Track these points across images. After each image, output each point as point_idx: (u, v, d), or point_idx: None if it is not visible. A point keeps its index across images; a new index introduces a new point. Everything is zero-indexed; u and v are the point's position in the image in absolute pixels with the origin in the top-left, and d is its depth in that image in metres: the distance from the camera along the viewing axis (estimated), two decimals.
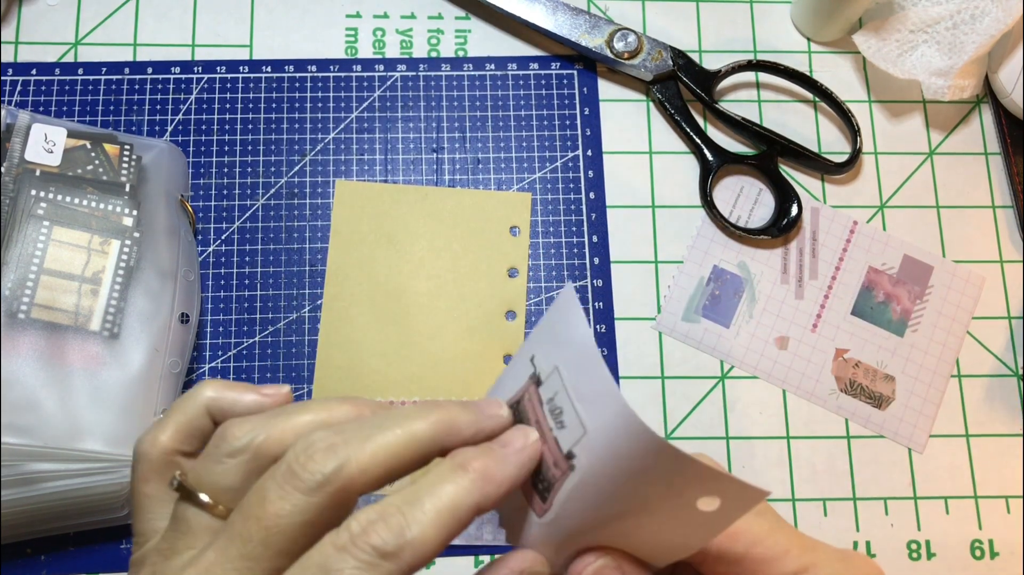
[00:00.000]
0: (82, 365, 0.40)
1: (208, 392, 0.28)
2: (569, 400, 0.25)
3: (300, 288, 0.45)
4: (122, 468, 0.39)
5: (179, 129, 0.47)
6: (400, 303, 0.45)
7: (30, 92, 0.47)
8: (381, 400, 0.44)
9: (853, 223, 0.48)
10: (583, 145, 0.48)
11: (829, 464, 0.45)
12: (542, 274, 0.46)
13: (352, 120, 0.48)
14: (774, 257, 0.47)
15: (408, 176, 0.47)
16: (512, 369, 0.29)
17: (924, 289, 0.47)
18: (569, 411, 0.25)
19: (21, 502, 0.37)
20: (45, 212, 0.41)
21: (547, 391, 0.26)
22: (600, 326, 0.46)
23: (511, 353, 0.45)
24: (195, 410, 0.28)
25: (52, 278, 0.41)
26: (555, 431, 0.26)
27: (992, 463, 0.45)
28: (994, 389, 0.46)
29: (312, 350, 0.45)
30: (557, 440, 0.25)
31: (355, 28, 0.49)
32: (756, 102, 0.49)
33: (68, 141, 0.43)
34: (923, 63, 0.47)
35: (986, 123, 0.50)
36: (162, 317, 0.41)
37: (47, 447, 0.38)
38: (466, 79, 0.49)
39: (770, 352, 0.46)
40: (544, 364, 0.27)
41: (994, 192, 0.49)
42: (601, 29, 0.48)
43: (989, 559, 0.44)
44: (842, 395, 0.45)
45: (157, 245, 0.42)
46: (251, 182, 0.47)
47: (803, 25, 0.50)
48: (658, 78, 0.48)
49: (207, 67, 0.48)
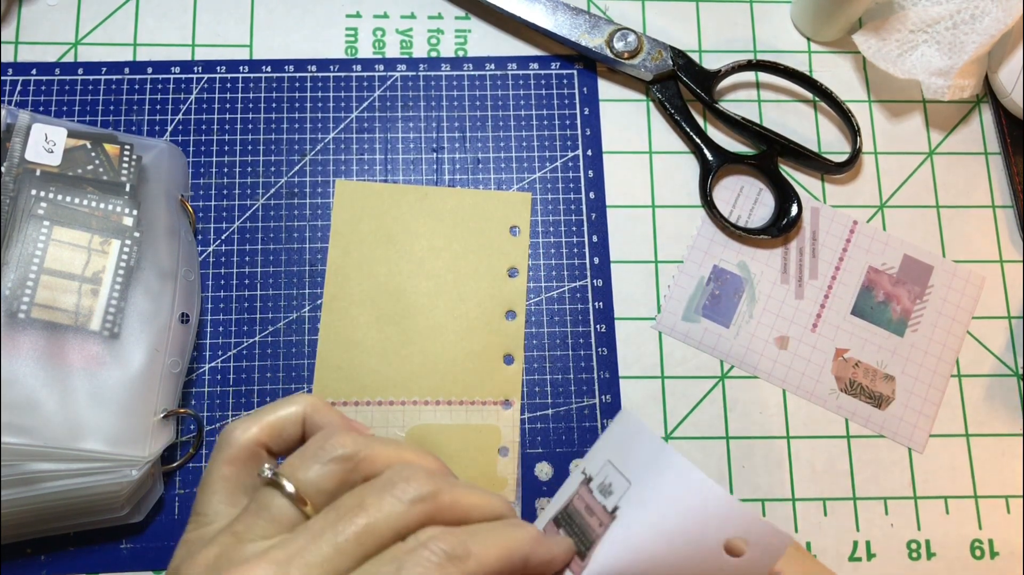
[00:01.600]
0: (82, 365, 0.40)
1: (309, 404, 0.30)
2: (618, 473, 0.28)
3: (300, 288, 0.45)
4: (122, 468, 0.39)
5: (179, 129, 0.47)
6: (400, 303, 0.45)
7: (30, 92, 0.47)
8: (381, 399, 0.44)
9: (853, 223, 0.48)
10: (583, 145, 0.48)
11: (829, 464, 0.45)
12: (542, 274, 0.46)
13: (352, 120, 0.48)
14: (774, 257, 0.47)
15: (408, 176, 0.47)
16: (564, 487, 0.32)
17: (924, 289, 0.47)
18: (617, 480, 0.28)
19: (21, 502, 0.37)
20: (45, 212, 0.41)
21: (596, 481, 0.29)
22: (600, 326, 0.46)
23: (511, 353, 0.45)
24: (293, 416, 0.30)
25: (52, 278, 0.41)
26: (602, 501, 0.28)
27: (992, 463, 0.45)
28: (994, 389, 0.46)
29: (312, 350, 0.45)
30: (603, 507, 0.28)
31: (355, 28, 0.49)
32: (756, 102, 0.49)
33: (68, 141, 0.43)
34: (923, 63, 0.47)
35: (986, 123, 0.50)
36: (162, 317, 0.41)
37: (47, 447, 0.38)
38: (466, 79, 0.49)
39: (770, 352, 0.46)
40: (594, 467, 0.30)
41: (994, 192, 0.49)
42: (601, 29, 0.48)
43: (989, 559, 0.44)
44: (842, 395, 0.45)
45: (157, 245, 0.42)
46: (251, 182, 0.47)
47: (803, 25, 0.50)
48: (658, 78, 0.48)
49: (207, 67, 0.48)
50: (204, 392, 0.44)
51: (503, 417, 0.44)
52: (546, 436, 0.44)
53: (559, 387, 0.45)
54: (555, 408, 0.44)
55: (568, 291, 0.46)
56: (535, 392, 0.45)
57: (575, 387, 0.45)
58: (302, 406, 0.30)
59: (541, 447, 0.44)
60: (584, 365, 0.45)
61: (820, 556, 0.44)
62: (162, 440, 0.40)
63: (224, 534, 0.27)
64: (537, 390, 0.45)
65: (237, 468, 0.29)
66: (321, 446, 0.28)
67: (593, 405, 0.45)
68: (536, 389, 0.45)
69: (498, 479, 0.43)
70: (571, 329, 0.46)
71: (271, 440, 0.30)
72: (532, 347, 0.45)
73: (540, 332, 0.45)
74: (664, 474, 0.26)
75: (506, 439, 0.44)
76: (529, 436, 0.44)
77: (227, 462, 0.29)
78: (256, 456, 0.29)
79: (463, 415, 0.44)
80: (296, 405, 0.30)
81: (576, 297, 0.46)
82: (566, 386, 0.45)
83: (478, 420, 0.44)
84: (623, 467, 0.28)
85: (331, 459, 0.27)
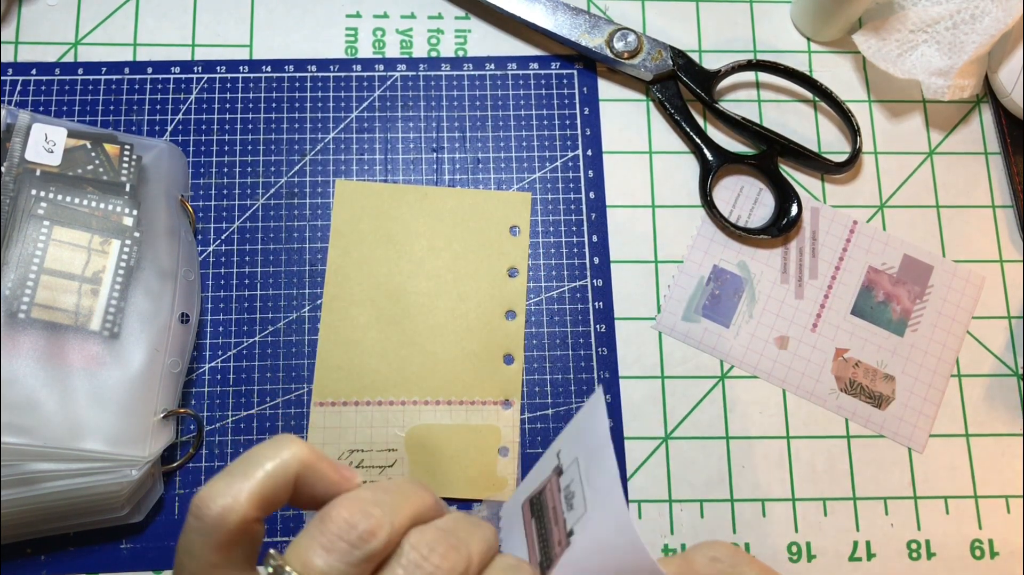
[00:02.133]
0: (82, 365, 0.40)
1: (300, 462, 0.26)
2: (581, 485, 0.29)
3: (300, 288, 0.45)
4: (122, 468, 0.39)
5: (179, 129, 0.47)
6: (400, 303, 0.45)
7: (30, 92, 0.47)
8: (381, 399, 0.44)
9: (853, 223, 0.48)
10: (583, 145, 0.48)
11: (829, 464, 0.45)
12: (542, 274, 0.46)
13: (352, 120, 0.48)
14: (774, 257, 0.47)
15: (408, 176, 0.47)
16: (542, 462, 0.33)
17: (924, 289, 0.47)
18: (579, 494, 0.29)
19: (21, 502, 0.37)
20: (45, 212, 0.41)
21: (565, 479, 0.30)
22: (600, 326, 0.46)
23: (511, 353, 0.45)
24: (284, 478, 0.25)
25: (52, 278, 0.41)
26: (565, 514, 0.29)
27: (992, 463, 0.45)
28: (994, 389, 0.46)
29: (312, 350, 0.45)
30: (565, 521, 0.29)
31: (355, 28, 0.49)
32: (756, 102, 0.49)
33: (68, 141, 0.43)
34: (923, 63, 0.47)
35: (986, 123, 0.50)
36: (162, 317, 0.41)
37: (47, 447, 0.38)
38: (466, 79, 0.49)
39: (770, 352, 0.46)
40: (567, 457, 0.31)
41: (994, 192, 0.49)
42: (601, 29, 0.48)
43: (989, 559, 0.44)
44: (842, 395, 0.45)
45: (157, 245, 0.42)
46: (251, 182, 0.47)
47: (803, 25, 0.50)
48: (658, 78, 0.48)
49: (207, 67, 0.48)
50: (204, 392, 0.44)
51: (503, 417, 0.44)
52: (546, 436, 0.44)
53: (559, 387, 0.45)
54: (555, 408, 0.44)
55: (568, 291, 0.46)
56: (535, 392, 0.45)
57: (575, 387, 0.45)
58: (292, 461, 0.26)
59: (541, 447, 0.44)
60: (584, 365, 0.45)
61: (820, 556, 0.44)
62: (162, 440, 0.40)
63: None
64: (537, 390, 0.45)
65: (228, 552, 0.25)
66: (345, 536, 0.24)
67: None
68: (536, 389, 0.45)
69: (498, 479, 0.43)
70: (571, 329, 0.46)
71: (264, 510, 0.25)
72: (532, 347, 0.45)
73: (540, 332, 0.45)
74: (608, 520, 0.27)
75: (506, 439, 0.44)
76: (529, 436, 0.44)
77: (216, 548, 0.24)
78: (249, 534, 0.25)
79: (463, 415, 0.44)
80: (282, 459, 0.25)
81: (576, 297, 0.46)
82: (566, 386, 0.45)
83: (478, 420, 0.44)
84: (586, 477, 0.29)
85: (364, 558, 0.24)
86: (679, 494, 0.44)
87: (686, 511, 0.44)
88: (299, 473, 0.26)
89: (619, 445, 0.44)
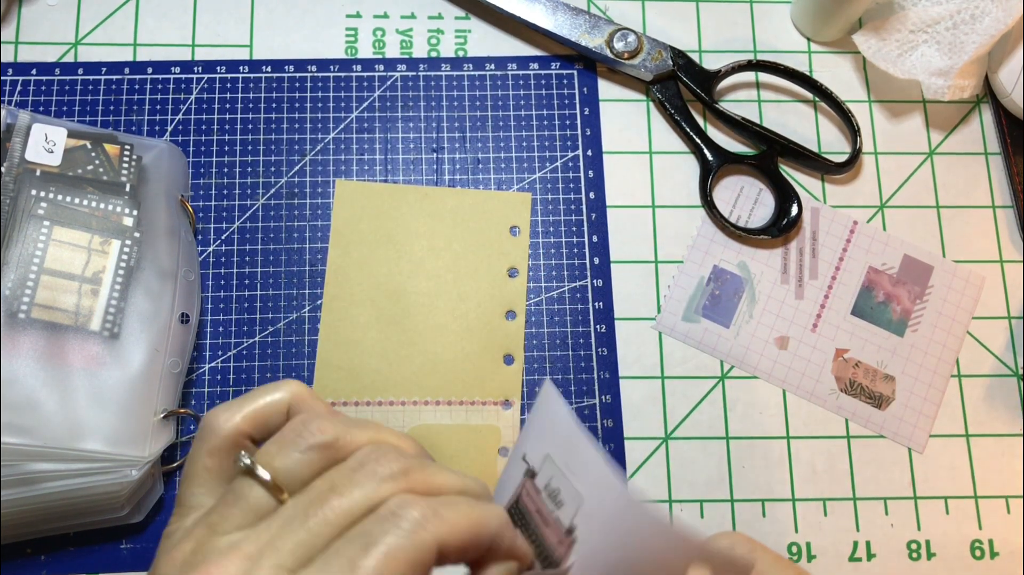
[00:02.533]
0: (82, 365, 0.40)
1: (293, 393, 0.29)
2: (564, 478, 0.28)
3: (300, 288, 0.45)
4: (122, 468, 0.39)
5: (179, 129, 0.47)
6: (400, 303, 0.45)
7: (30, 92, 0.47)
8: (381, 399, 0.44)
9: (853, 223, 0.48)
10: (583, 145, 0.48)
11: (829, 464, 0.45)
12: (542, 274, 0.46)
13: (352, 120, 0.48)
14: (774, 257, 0.47)
15: (408, 176, 0.47)
16: (508, 471, 0.31)
17: (924, 289, 0.47)
18: (566, 487, 0.28)
19: (21, 502, 0.37)
20: (45, 212, 0.41)
21: (542, 479, 0.29)
22: (600, 326, 0.46)
23: (511, 353, 0.45)
24: (277, 404, 0.29)
25: (52, 278, 0.41)
26: (555, 512, 0.28)
27: (992, 463, 0.45)
28: (994, 389, 0.46)
29: (312, 350, 0.45)
30: (559, 520, 0.28)
31: (355, 28, 0.49)
32: (756, 102, 0.49)
33: (68, 141, 0.43)
34: (923, 63, 0.47)
35: (986, 123, 0.50)
36: (162, 317, 0.41)
37: (47, 447, 0.38)
38: (466, 79, 0.49)
39: (770, 352, 0.46)
40: (535, 457, 0.29)
41: (994, 192, 0.49)
42: (601, 29, 0.48)
43: (989, 559, 0.44)
44: (842, 395, 0.45)
45: (157, 245, 0.42)
46: (251, 182, 0.47)
47: (803, 25, 0.50)
48: (658, 78, 0.48)
49: (207, 67, 0.48)
50: (204, 392, 0.44)
51: (503, 417, 0.44)
52: None
53: (559, 387, 0.45)
54: None
55: (568, 291, 0.46)
56: (535, 392, 0.45)
57: (575, 387, 0.45)
58: (287, 394, 0.29)
59: None
60: (584, 365, 0.45)
61: (820, 556, 0.44)
62: (162, 440, 0.40)
63: (199, 526, 0.26)
64: (537, 390, 0.45)
65: (219, 459, 0.28)
66: (299, 433, 0.27)
67: (593, 405, 0.45)
68: (536, 389, 0.45)
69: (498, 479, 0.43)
70: (571, 329, 0.46)
71: (255, 431, 0.29)
72: (532, 347, 0.45)
73: (540, 332, 0.45)
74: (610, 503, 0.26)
75: (506, 439, 0.44)
76: None
77: (209, 453, 0.28)
78: (239, 446, 0.29)
79: (463, 415, 0.44)
80: (280, 392, 0.29)
81: (576, 297, 0.46)
82: (566, 386, 0.45)
83: (478, 420, 0.44)
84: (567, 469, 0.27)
85: (309, 447, 0.26)
86: (679, 494, 0.44)
87: (686, 511, 0.44)
88: (291, 403, 0.29)
89: (619, 445, 0.44)
